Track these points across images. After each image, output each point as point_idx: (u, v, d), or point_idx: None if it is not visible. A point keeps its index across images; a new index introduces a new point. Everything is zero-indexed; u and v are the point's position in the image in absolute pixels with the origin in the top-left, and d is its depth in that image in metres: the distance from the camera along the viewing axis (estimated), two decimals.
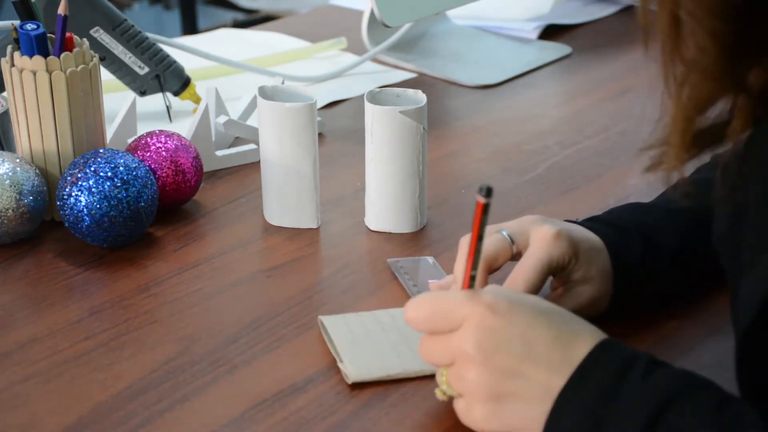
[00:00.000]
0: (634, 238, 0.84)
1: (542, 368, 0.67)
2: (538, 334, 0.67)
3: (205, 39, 1.53)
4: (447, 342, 0.70)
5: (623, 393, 0.64)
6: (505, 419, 0.68)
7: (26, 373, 0.80)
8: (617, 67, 1.42)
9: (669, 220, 0.86)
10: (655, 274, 0.84)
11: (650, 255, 0.84)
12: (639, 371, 0.65)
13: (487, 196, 0.68)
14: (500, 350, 0.67)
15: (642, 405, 0.64)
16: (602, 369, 0.66)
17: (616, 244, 0.83)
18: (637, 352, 0.67)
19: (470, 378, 0.68)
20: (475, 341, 0.68)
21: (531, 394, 0.67)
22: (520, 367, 0.67)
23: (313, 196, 1.00)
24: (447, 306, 0.70)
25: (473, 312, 0.68)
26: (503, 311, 0.68)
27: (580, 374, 0.66)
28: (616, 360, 0.66)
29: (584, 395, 0.65)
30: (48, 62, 0.95)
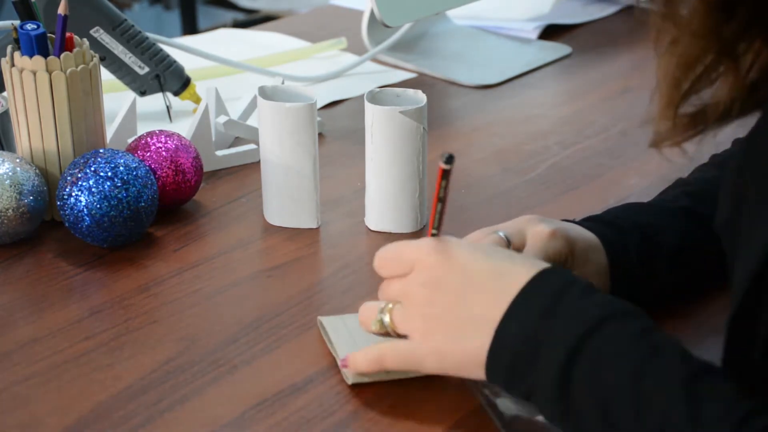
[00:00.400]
0: (632, 237, 0.84)
1: (482, 298, 0.71)
2: (477, 266, 0.72)
3: (205, 39, 1.53)
4: (400, 281, 0.75)
5: (554, 318, 0.68)
6: (453, 353, 0.72)
7: (26, 373, 0.80)
8: (617, 67, 1.42)
9: (667, 220, 0.86)
10: (652, 274, 0.84)
11: (648, 254, 0.84)
12: (573, 296, 0.68)
13: (447, 162, 0.73)
14: (442, 286, 0.72)
15: (571, 328, 0.67)
16: (536, 296, 0.69)
17: (614, 243, 0.83)
18: (573, 278, 0.70)
19: (417, 316, 0.73)
20: (421, 281, 0.73)
21: (474, 323, 0.70)
22: (461, 300, 0.71)
23: (313, 196, 1.00)
24: (401, 251, 0.75)
25: (419, 254, 0.73)
26: (444, 251, 0.73)
27: (517, 301, 0.69)
28: (551, 286, 0.69)
29: (523, 318, 0.69)
30: (48, 62, 0.95)
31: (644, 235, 0.84)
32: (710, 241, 0.81)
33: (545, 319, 0.68)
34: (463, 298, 0.71)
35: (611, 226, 0.85)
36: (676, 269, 0.85)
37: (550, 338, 0.67)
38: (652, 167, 1.12)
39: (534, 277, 0.70)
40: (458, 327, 0.71)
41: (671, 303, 0.87)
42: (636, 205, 0.89)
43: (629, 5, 1.62)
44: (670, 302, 0.87)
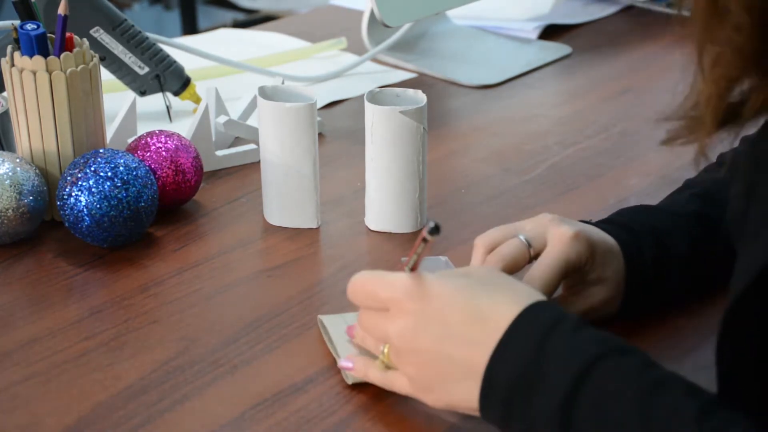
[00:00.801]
0: (647, 242, 0.84)
1: (463, 346, 0.69)
2: (455, 312, 0.70)
3: (205, 39, 1.53)
4: (377, 324, 0.74)
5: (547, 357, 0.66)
6: (445, 398, 0.71)
7: (26, 373, 0.80)
8: (617, 67, 1.42)
9: (679, 224, 0.86)
10: (665, 277, 0.84)
11: (661, 258, 0.84)
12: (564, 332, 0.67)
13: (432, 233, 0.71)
14: (420, 336, 0.71)
15: (566, 367, 0.65)
16: (523, 337, 0.68)
17: (630, 247, 0.83)
18: (563, 313, 0.69)
19: (404, 364, 0.72)
20: (398, 330, 0.72)
21: (459, 372, 0.69)
22: (441, 349, 0.70)
23: (313, 196, 1.00)
24: (376, 286, 0.74)
25: (394, 297, 0.72)
26: (421, 294, 0.71)
27: (502, 346, 0.68)
28: (538, 323, 0.68)
29: (511, 360, 0.67)
30: (48, 62, 0.95)
31: (658, 241, 0.84)
32: (721, 244, 0.81)
33: (536, 359, 0.66)
34: (443, 347, 0.70)
35: (628, 230, 0.85)
36: (688, 273, 0.85)
37: (544, 378, 0.66)
38: (652, 167, 1.12)
39: (519, 316, 0.68)
40: (445, 376, 0.70)
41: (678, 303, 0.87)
42: (647, 208, 0.89)
43: (629, 5, 1.62)
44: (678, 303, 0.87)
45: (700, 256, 0.85)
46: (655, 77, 1.39)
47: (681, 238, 0.85)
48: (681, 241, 0.85)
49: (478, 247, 0.84)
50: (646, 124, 1.21)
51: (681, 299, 0.87)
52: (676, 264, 0.84)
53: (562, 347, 0.66)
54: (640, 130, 1.21)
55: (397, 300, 0.72)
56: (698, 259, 0.85)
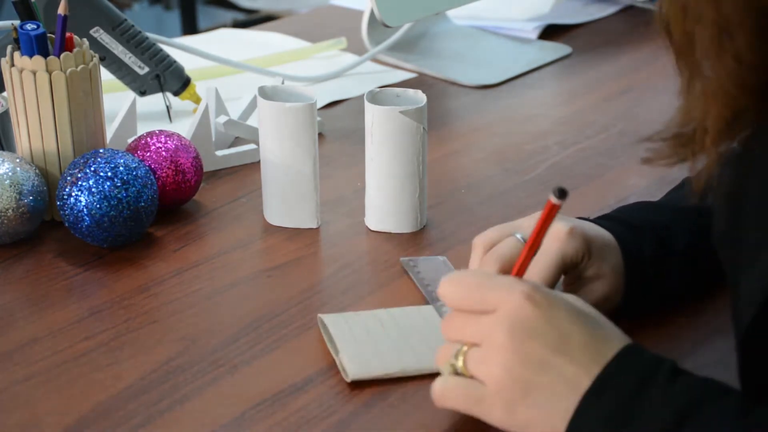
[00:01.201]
0: (646, 237, 0.84)
1: (574, 363, 0.66)
2: (575, 329, 0.66)
3: (205, 39, 1.53)
4: (478, 322, 0.68)
5: (646, 398, 0.64)
6: (527, 413, 0.67)
7: (26, 373, 0.80)
8: (617, 67, 1.42)
9: (678, 219, 0.86)
10: (666, 273, 0.84)
11: (661, 253, 0.84)
12: (663, 376, 0.64)
13: (560, 197, 0.67)
14: (534, 339, 0.66)
15: (665, 410, 0.63)
16: (627, 372, 0.65)
17: (629, 242, 0.83)
18: (661, 357, 0.67)
19: (497, 364, 0.67)
20: (509, 327, 0.67)
21: (558, 388, 0.66)
22: (552, 359, 0.66)
23: (313, 196, 1.00)
24: (485, 287, 0.69)
25: (511, 298, 0.67)
26: (541, 302, 0.67)
27: (606, 377, 0.65)
28: (641, 364, 0.66)
29: (607, 399, 0.64)
30: (48, 62, 0.95)
31: (657, 236, 0.84)
32: None
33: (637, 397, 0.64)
34: (552, 358, 0.66)
35: (626, 225, 0.84)
36: (688, 268, 0.85)
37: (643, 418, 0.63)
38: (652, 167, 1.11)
39: (622, 350, 0.66)
40: (539, 387, 0.66)
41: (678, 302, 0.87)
42: (647, 204, 0.89)
43: (629, 5, 1.62)
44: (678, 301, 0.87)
45: (700, 250, 0.84)
46: (655, 77, 1.38)
47: (681, 233, 0.85)
48: (681, 235, 0.85)
49: (476, 246, 0.84)
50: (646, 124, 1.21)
51: (682, 294, 0.86)
52: (677, 258, 0.84)
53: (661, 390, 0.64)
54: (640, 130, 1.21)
55: (516, 301, 0.67)
56: (698, 253, 0.85)
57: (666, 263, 0.84)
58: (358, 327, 0.83)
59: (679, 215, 0.86)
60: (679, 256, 0.84)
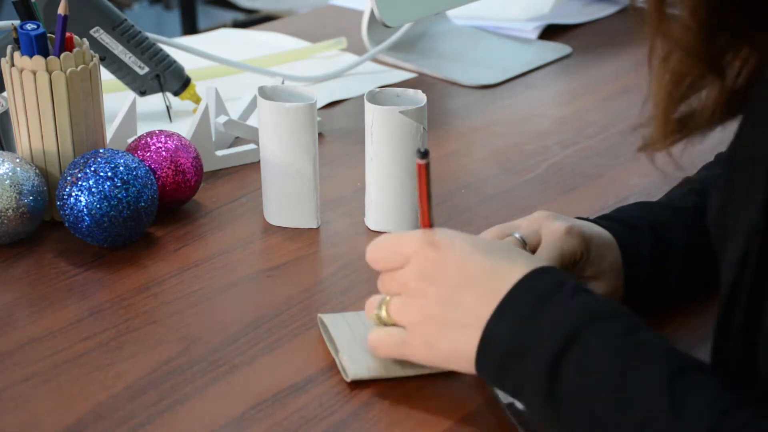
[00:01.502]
0: (645, 236, 0.84)
1: (475, 295, 0.70)
2: (473, 263, 0.71)
3: (205, 39, 1.53)
4: (396, 275, 0.74)
5: (543, 318, 0.68)
6: (443, 347, 0.72)
7: (26, 373, 0.80)
8: (617, 67, 1.42)
9: (678, 219, 0.86)
10: (665, 272, 0.84)
11: (660, 252, 0.84)
12: (562, 297, 0.68)
13: (423, 157, 0.72)
14: (438, 279, 0.72)
15: (558, 329, 0.67)
16: (526, 296, 0.69)
17: (627, 241, 0.84)
18: (564, 278, 0.70)
19: (412, 307, 0.73)
20: (416, 273, 0.73)
21: (465, 320, 0.71)
22: (454, 293, 0.71)
23: (313, 196, 1.00)
24: (397, 242, 0.75)
25: (416, 247, 0.73)
26: (443, 244, 0.73)
27: (506, 301, 0.69)
28: (541, 286, 0.69)
29: (511, 317, 0.69)
30: (48, 62, 0.95)
31: (656, 234, 0.84)
32: None
33: (533, 319, 0.68)
34: (456, 294, 0.71)
35: (624, 224, 0.85)
36: (688, 268, 0.85)
37: (538, 337, 0.67)
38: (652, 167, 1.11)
39: (524, 276, 0.70)
40: (449, 322, 0.71)
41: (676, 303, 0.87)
42: (647, 204, 0.89)
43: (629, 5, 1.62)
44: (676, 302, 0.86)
45: (699, 249, 0.84)
46: None
47: (680, 231, 0.85)
48: (680, 234, 0.85)
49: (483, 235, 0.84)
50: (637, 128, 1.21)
51: (681, 293, 0.86)
52: (675, 257, 0.85)
53: (559, 308, 0.68)
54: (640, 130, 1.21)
55: (419, 250, 0.73)
56: (698, 252, 0.85)
57: (665, 262, 0.84)
58: (357, 327, 0.83)
59: (678, 214, 0.87)
60: (678, 255, 0.85)
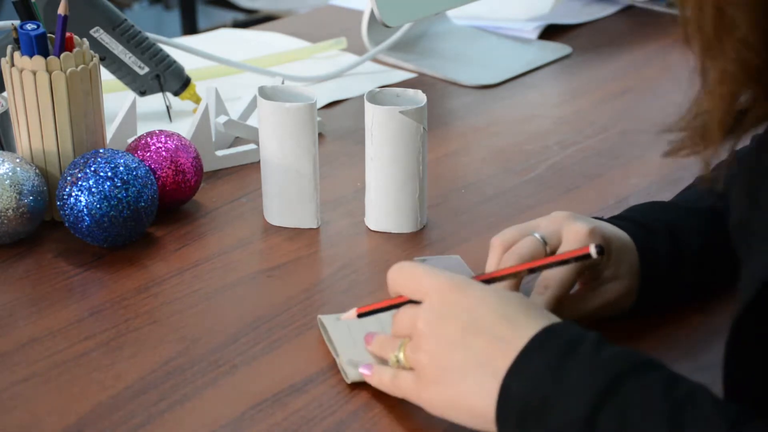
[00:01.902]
0: (661, 238, 0.84)
1: (486, 340, 0.68)
2: (486, 309, 0.69)
3: (205, 39, 1.53)
4: (412, 310, 0.73)
5: (570, 370, 0.65)
6: (454, 395, 0.69)
7: (26, 373, 0.80)
8: (617, 67, 1.42)
9: (693, 220, 0.86)
10: (680, 274, 0.84)
11: (676, 255, 0.84)
12: (587, 349, 0.66)
13: (599, 254, 0.72)
14: (447, 321, 0.70)
15: (590, 382, 0.64)
16: (549, 347, 0.67)
17: (644, 243, 0.83)
18: (584, 332, 0.68)
19: (421, 351, 0.71)
20: (428, 314, 0.71)
21: (474, 363, 0.68)
22: (464, 337, 0.69)
23: (313, 196, 1.00)
24: (420, 277, 0.73)
25: (436, 284, 0.72)
26: (460, 287, 0.71)
27: (527, 353, 0.67)
28: (562, 338, 0.67)
29: (530, 373, 0.66)
30: (48, 62, 0.95)
31: (672, 236, 0.84)
32: None
33: (559, 370, 0.65)
34: (467, 336, 0.69)
35: (641, 225, 0.85)
36: (703, 270, 0.85)
37: (568, 389, 0.65)
38: (652, 167, 1.12)
39: (545, 328, 0.68)
40: (461, 364, 0.69)
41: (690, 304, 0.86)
42: (661, 204, 0.89)
43: (629, 5, 1.62)
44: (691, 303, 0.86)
45: (714, 251, 0.84)
46: (655, 77, 1.39)
47: (695, 234, 0.85)
48: (695, 236, 0.85)
49: (494, 246, 0.84)
50: (646, 124, 1.21)
51: (696, 295, 0.86)
52: (691, 260, 0.84)
53: (585, 362, 0.65)
54: (640, 130, 1.21)
55: (437, 288, 0.71)
56: (713, 254, 0.85)
57: (680, 263, 0.84)
58: (357, 329, 0.83)
59: (693, 215, 0.86)
60: (693, 257, 0.84)
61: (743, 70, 0.62)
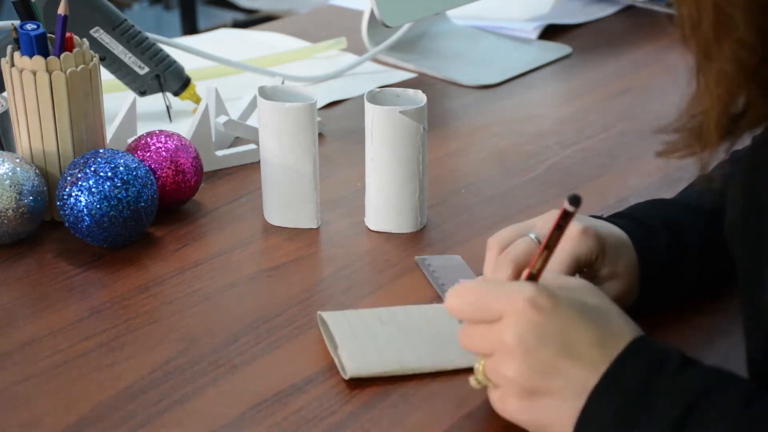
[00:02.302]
0: (660, 235, 0.84)
1: (581, 366, 0.67)
2: (579, 331, 0.68)
3: (205, 39, 1.53)
4: (487, 332, 0.70)
5: (654, 391, 0.64)
6: (538, 413, 0.69)
7: (26, 373, 0.80)
8: (617, 67, 1.42)
9: (693, 218, 0.86)
10: (680, 271, 0.84)
11: (676, 252, 0.83)
12: (670, 369, 0.65)
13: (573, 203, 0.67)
14: (540, 345, 0.67)
15: (673, 402, 0.64)
16: (633, 368, 0.66)
17: (642, 240, 0.83)
18: (669, 349, 0.67)
19: (508, 371, 0.68)
20: (515, 334, 0.68)
21: (567, 391, 0.67)
22: (558, 364, 0.67)
23: (313, 196, 1.00)
24: (489, 296, 0.70)
25: (514, 306, 0.68)
26: (544, 306, 0.68)
27: (612, 373, 0.66)
28: (647, 358, 0.66)
29: (615, 395, 0.65)
30: (48, 62, 0.95)
31: (672, 233, 0.84)
32: None
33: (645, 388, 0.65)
34: (561, 361, 0.67)
35: (639, 223, 0.84)
36: (703, 267, 0.85)
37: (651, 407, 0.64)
38: (652, 167, 1.12)
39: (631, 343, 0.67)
40: (550, 392, 0.68)
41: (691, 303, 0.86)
42: (661, 202, 0.89)
43: (629, 5, 1.62)
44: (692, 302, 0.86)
45: (714, 249, 0.84)
46: (655, 77, 1.39)
47: (694, 231, 0.84)
48: (694, 234, 0.84)
49: (491, 246, 0.83)
50: (646, 124, 1.21)
51: (696, 293, 0.86)
52: (691, 257, 0.84)
53: (669, 381, 0.65)
54: (640, 130, 1.21)
55: (519, 309, 0.68)
56: (713, 252, 0.84)
57: (680, 262, 0.84)
58: (357, 324, 0.83)
59: (693, 213, 0.86)
60: (694, 255, 0.84)
61: (740, 71, 0.62)
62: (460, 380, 0.78)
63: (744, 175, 0.69)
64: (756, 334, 0.69)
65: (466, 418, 0.75)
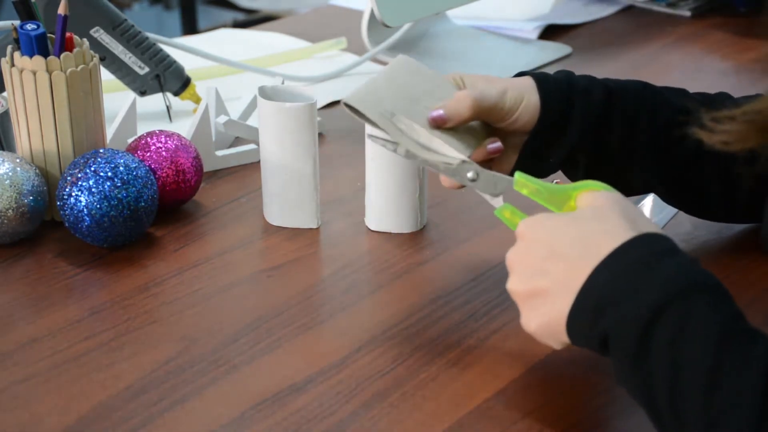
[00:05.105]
0: (561, 78, 0.89)
1: (562, 263, 0.71)
2: (561, 234, 0.73)
3: (205, 39, 1.53)
4: None
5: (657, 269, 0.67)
6: (541, 316, 0.72)
7: (26, 373, 0.80)
8: (617, 67, 1.42)
9: (604, 81, 0.90)
10: (572, 100, 0.88)
11: (575, 99, 0.88)
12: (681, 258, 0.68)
13: None
14: (527, 254, 0.74)
15: (670, 283, 0.66)
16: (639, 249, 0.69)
17: (544, 80, 0.88)
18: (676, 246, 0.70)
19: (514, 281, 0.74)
20: (510, 253, 0.75)
21: (554, 287, 0.71)
22: (543, 265, 0.72)
23: (313, 196, 1.00)
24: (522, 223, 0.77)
25: (521, 226, 0.76)
26: (538, 220, 0.75)
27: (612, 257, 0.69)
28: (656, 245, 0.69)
29: (615, 269, 0.68)
30: (48, 62, 0.95)
31: (570, 81, 0.89)
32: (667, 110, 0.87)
33: (646, 269, 0.67)
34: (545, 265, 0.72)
35: (542, 74, 0.89)
36: (608, 101, 0.89)
37: (647, 285, 0.67)
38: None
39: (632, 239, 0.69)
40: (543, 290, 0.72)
41: None
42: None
43: (629, 5, 1.62)
44: None
45: (613, 106, 0.89)
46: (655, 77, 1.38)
47: (597, 87, 0.89)
48: (596, 88, 0.89)
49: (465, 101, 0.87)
50: None
51: (582, 156, 0.91)
52: (585, 94, 0.88)
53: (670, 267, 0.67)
54: None
55: (520, 232, 0.76)
56: (611, 107, 0.89)
57: (575, 95, 0.88)
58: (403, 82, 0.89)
59: (601, 80, 0.90)
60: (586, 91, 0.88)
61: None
62: (460, 380, 0.78)
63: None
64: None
65: (467, 418, 0.75)
